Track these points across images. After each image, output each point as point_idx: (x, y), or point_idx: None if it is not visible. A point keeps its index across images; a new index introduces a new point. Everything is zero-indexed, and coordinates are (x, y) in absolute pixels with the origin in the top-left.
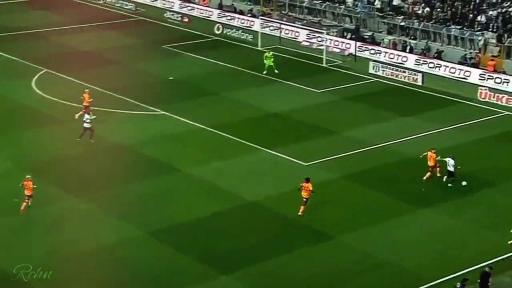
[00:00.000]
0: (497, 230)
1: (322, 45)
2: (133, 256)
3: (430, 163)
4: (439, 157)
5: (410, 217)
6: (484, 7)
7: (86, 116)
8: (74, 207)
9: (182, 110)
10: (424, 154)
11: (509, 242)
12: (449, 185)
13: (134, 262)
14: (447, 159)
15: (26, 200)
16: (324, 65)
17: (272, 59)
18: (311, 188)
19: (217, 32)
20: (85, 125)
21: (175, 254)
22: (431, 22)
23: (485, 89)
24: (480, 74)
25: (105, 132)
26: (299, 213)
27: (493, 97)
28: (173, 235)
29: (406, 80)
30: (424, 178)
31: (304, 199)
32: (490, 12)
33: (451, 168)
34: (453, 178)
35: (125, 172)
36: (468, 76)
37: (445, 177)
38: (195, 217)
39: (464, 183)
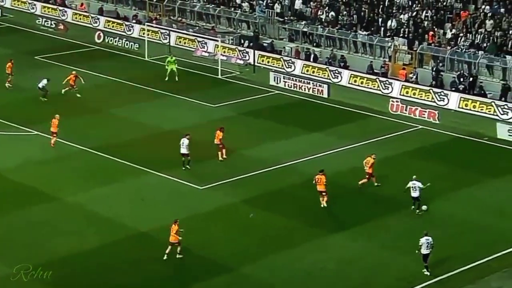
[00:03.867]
0: (411, 256)
1: (216, 54)
2: None
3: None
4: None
5: (321, 244)
6: (394, 11)
7: None
8: None
9: (60, 130)
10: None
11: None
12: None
13: None
14: (411, 184)
15: None
16: (219, 76)
17: (176, 65)
18: (325, 181)
19: (98, 41)
20: None
21: None
22: (337, 27)
23: (397, 101)
24: (389, 84)
25: None
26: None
27: (406, 110)
28: (51, 272)
29: (311, 92)
30: (360, 183)
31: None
32: (401, 16)
33: (415, 194)
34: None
35: None
36: (376, 87)
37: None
38: (77, 251)
39: (424, 207)
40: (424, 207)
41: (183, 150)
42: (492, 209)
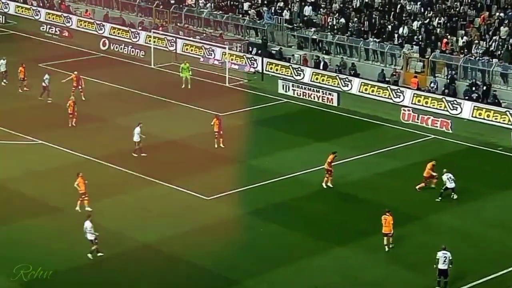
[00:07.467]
0: (418, 270)
1: (223, 62)
2: None
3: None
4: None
5: (326, 257)
6: (406, 18)
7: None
8: None
9: (63, 138)
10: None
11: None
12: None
13: None
14: (444, 176)
15: None
16: (227, 84)
17: (190, 72)
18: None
19: (103, 48)
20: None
21: None
22: (347, 34)
23: (409, 110)
24: (401, 93)
25: None
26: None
27: (417, 119)
28: (52, 286)
29: (320, 101)
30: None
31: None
32: (413, 23)
33: (451, 185)
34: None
35: None
36: (387, 95)
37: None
38: (79, 264)
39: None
40: (455, 196)
41: (135, 138)
42: (503, 223)
